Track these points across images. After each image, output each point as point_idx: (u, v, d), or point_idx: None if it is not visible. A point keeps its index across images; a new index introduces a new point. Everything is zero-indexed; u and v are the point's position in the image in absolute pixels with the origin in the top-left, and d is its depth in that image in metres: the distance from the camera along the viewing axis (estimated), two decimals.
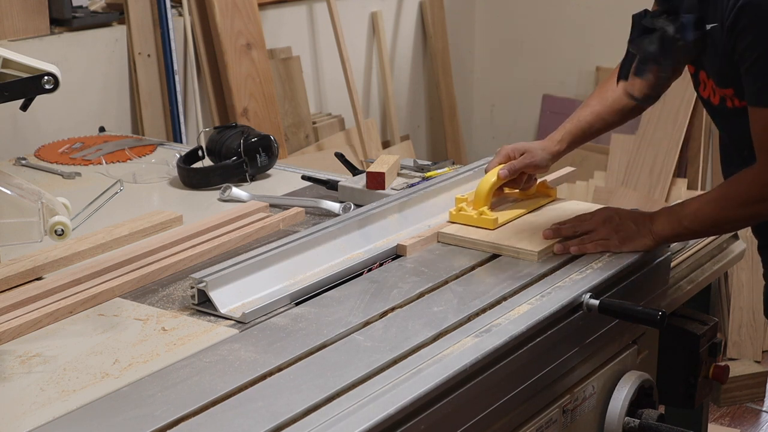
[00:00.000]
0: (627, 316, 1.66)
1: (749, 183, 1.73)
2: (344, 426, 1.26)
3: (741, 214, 1.76)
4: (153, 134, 3.17)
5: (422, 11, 4.46)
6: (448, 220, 1.92)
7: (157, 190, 2.33)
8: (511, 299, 1.62)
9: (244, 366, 1.40)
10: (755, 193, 1.72)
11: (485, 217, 1.88)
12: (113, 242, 1.91)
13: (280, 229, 2.00)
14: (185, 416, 1.28)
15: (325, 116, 3.99)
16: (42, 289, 1.67)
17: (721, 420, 3.36)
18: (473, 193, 1.92)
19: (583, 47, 4.56)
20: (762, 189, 1.71)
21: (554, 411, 1.64)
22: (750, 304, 3.66)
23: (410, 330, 1.50)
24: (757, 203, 1.73)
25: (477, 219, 1.88)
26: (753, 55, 1.62)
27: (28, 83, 1.53)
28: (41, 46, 2.90)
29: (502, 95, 4.88)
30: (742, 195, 1.74)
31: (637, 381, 1.78)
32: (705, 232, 1.91)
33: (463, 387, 1.40)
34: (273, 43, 3.70)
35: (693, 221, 1.77)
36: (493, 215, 1.88)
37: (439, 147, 4.66)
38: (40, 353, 1.49)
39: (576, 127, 1.98)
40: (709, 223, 1.78)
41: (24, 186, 1.61)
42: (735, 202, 1.75)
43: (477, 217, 1.88)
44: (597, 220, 1.82)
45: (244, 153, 2.30)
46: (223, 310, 1.60)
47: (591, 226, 1.82)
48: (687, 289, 2.00)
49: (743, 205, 1.74)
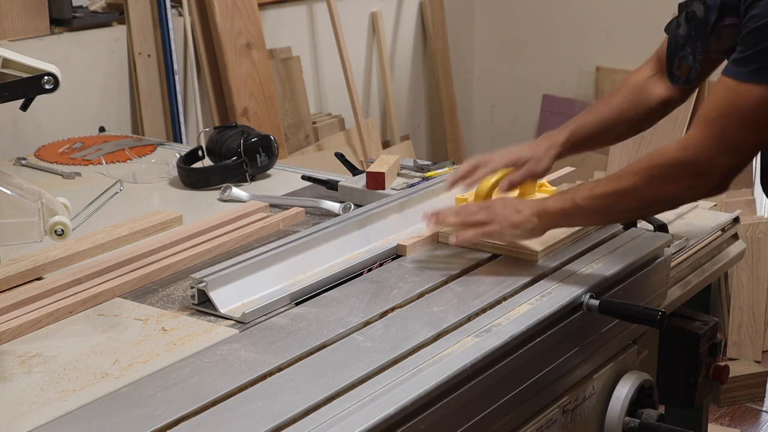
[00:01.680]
0: (627, 316, 1.66)
1: (665, 155, 1.58)
2: (344, 426, 1.26)
3: (643, 193, 1.60)
4: (153, 134, 3.17)
5: (422, 11, 4.46)
6: None
7: (157, 190, 2.33)
8: (511, 299, 1.62)
9: (244, 366, 1.40)
10: (670, 167, 1.56)
11: None
12: (113, 242, 1.91)
13: (280, 229, 2.00)
14: (185, 416, 1.28)
15: (325, 116, 3.99)
16: (42, 289, 1.67)
17: (721, 420, 3.36)
18: (473, 194, 1.92)
19: (583, 47, 4.56)
20: (678, 164, 1.56)
21: (554, 411, 1.64)
22: (750, 304, 3.66)
23: (410, 330, 1.50)
24: (664, 181, 1.58)
25: None
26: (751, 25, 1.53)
27: (28, 83, 1.53)
28: (41, 46, 2.90)
29: (502, 95, 4.88)
30: (651, 170, 1.58)
31: (637, 381, 1.78)
32: (600, 213, 1.68)
33: (463, 387, 1.40)
34: (273, 43, 3.70)
35: (586, 198, 1.63)
36: None
37: (439, 147, 4.66)
38: (40, 353, 1.49)
39: (579, 132, 1.90)
40: (603, 201, 1.63)
41: (24, 186, 1.61)
42: (640, 178, 1.59)
43: None
44: (477, 204, 1.75)
45: (244, 153, 2.30)
46: (223, 310, 1.59)
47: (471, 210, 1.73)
48: (687, 289, 2.00)
49: (649, 180, 1.58)
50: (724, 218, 2.15)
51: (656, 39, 1.93)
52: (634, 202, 1.65)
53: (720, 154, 1.56)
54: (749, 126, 1.55)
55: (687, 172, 1.59)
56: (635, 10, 4.31)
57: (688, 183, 1.60)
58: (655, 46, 1.91)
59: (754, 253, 3.63)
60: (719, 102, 1.57)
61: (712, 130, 1.56)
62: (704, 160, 1.57)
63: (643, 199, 1.64)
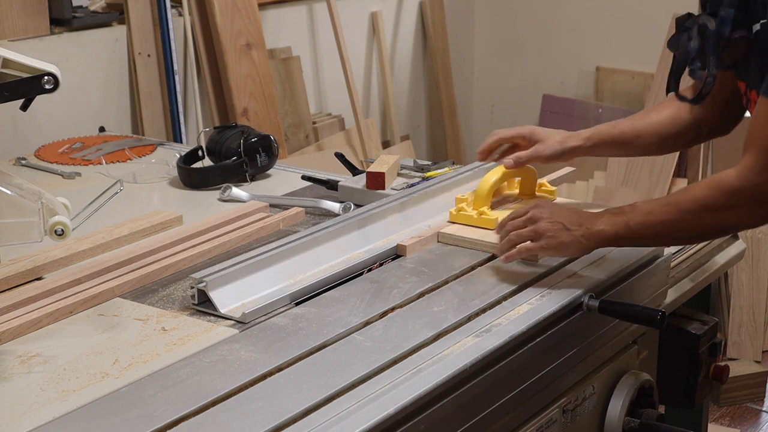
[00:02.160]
0: (627, 316, 1.66)
1: (724, 184, 1.53)
2: (344, 426, 1.26)
3: (700, 221, 1.55)
4: (153, 134, 3.17)
5: (422, 11, 4.46)
6: (449, 220, 1.92)
7: (157, 190, 2.33)
8: (511, 299, 1.62)
9: (244, 366, 1.40)
10: (730, 197, 1.52)
11: (485, 217, 1.88)
12: (113, 242, 1.91)
13: (280, 229, 2.00)
14: (185, 416, 1.28)
15: (325, 116, 3.99)
16: (42, 289, 1.67)
17: (721, 420, 3.36)
18: (473, 193, 1.93)
19: (583, 47, 4.56)
20: (738, 193, 1.52)
21: (554, 411, 1.64)
22: (750, 304, 3.66)
23: (410, 330, 1.50)
24: (724, 210, 1.53)
25: (477, 219, 1.88)
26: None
27: (28, 83, 1.53)
28: (41, 46, 2.90)
29: (502, 95, 4.88)
30: (710, 198, 1.54)
31: (637, 381, 1.78)
32: (654, 239, 1.65)
33: (463, 387, 1.40)
34: (273, 43, 3.70)
35: (641, 224, 1.59)
36: (493, 215, 1.88)
37: (439, 147, 4.66)
38: (40, 353, 1.49)
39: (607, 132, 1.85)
40: (659, 228, 1.58)
41: (24, 186, 1.61)
42: (698, 206, 1.55)
43: (477, 217, 1.89)
44: (523, 220, 1.69)
45: (244, 153, 2.30)
46: (223, 310, 1.59)
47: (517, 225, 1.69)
48: (687, 289, 2.00)
49: (707, 210, 1.54)
50: None
51: (656, 39, 1.93)
52: (691, 230, 1.61)
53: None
54: None
55: (748, 200, 1.53)
56: (635, 10, 4.31)
57: (749, 211, 1.55)
58: (655, 46, 1.91)
59: (754, 253, 3.63)
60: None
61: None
62: (766, 189, 1.51)
63: (701, 227, 1.60)
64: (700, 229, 1.60)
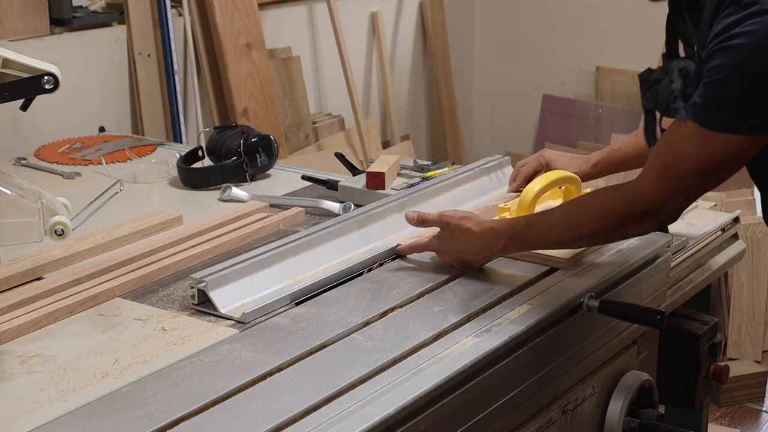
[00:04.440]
0: (627, 316, 1.66)
1: (625, 201, 1.58)
2: (344, 426, 1.26)
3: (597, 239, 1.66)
4: (153, 134, 3.17)
5: (422, 11, 4.46)
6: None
7: (157, 190, 2.33)
8: (511, 299, 1.62)
9: (244, 366, 1.40)
10: (635, 209, 1.57)
11: None
12: (113, 242, 1.91)
13: (280, 229, 2.00)
14: (185, 416, 1.28)
15: (325, 116, 3.99)
16: (42, 289, 1.67)
17: (721, 420, 3.36)
18: (516, 202, 1.89)
19: (583, 47, 4.56)
20: (642, 204, 1.56)
21: (554, 411, 1.64)
22: (750, 304, 3.66)
23: (410, 330, 1.50)
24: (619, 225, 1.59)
25: None
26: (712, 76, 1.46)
27: (28, 83, 1.53)
28: (41, 46, 2.90)
29: (502, 95, 4.88)
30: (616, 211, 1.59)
31: (637, 381, 1.78)
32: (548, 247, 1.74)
33: (463, 387, 1.40)
34: (273, 43, 3.70)
35: (541, 242, 1.68)
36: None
37: (439, 147, 4.66)
38: (40, 353, 1.49)
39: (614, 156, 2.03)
40: (555, 245, 1.69)
41: (24, 186, 1.61)
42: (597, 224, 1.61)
43: None
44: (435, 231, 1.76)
45: (244, 153, 2.30)
46: (223, 310, 1.60)
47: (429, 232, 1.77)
48: (687, 289, 2.00)
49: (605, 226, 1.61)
50: (723, 218, 2.15)
51: (656, 39, 1.93)
52: (585, 243, 1.71)
53: (676, 198, 1.55)
54: (710, 174, 1.52)
55: (641, 216, 1.58)
56: (635, 10, 4.31)
57: (639, 224, 1.60)
58: (655, 46, 1.91)
59: (754, 253, 3.63)
60: (678, 148, 1.52)
61: (668, 177, 1.53)
62: (659, 206, 1.56)
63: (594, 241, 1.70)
64: (593, 242, 1.70)
